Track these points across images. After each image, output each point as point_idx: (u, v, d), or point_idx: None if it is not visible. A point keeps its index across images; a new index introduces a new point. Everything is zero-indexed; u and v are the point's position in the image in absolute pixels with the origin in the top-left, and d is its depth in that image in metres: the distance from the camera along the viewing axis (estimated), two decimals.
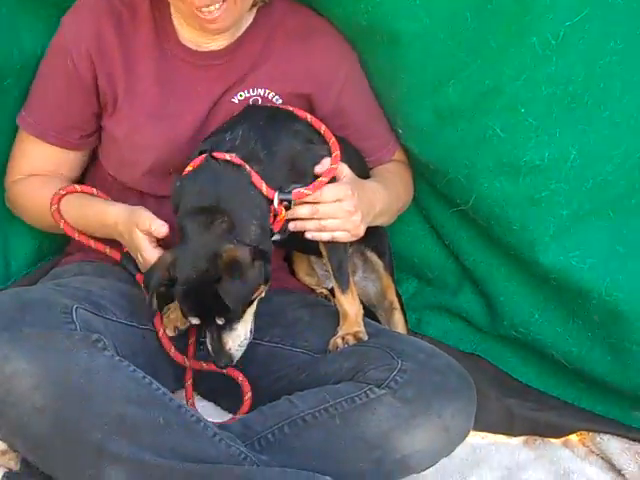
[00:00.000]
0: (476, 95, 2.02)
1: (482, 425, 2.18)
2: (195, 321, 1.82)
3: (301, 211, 1.88)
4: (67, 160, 2.12)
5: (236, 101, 2.05)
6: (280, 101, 2.06)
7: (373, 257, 2.23)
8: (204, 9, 1.87)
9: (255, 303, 1.86)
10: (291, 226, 1.89)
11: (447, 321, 2.46)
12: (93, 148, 2.13)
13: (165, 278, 1.79)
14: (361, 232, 1.94)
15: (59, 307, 1.75)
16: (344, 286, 2.00)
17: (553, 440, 2.30)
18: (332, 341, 1.97)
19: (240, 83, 2.04)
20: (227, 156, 1.86)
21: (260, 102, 2.06)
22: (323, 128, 1.99)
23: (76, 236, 2.01)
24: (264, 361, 2.02)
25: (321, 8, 2.10)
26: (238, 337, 1.83)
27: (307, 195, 1.87)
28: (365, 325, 2.01)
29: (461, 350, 2.39)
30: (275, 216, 1.87)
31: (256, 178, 1.85)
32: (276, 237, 1.93)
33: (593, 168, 2.07)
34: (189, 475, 1.70)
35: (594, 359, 2.19)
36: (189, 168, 1.88)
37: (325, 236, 1.91)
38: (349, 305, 1.99)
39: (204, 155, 1.87)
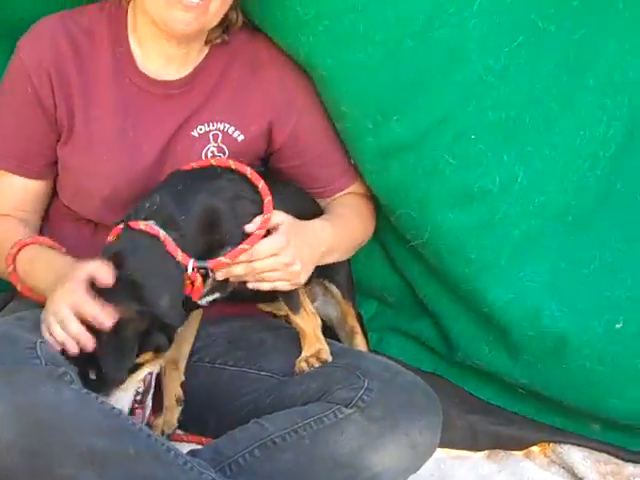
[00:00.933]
0: (425, 127, 2.02)
1: (446, 442, 2.17)
2: None
3: (236, 271, 1.83)
4: (32, 191, 2.06)
5: (196, 134, 2.01)
6: (242, 137, 2.04)
7: (331, 286, 2.20)
8: None
9: (142, 372, 1.83)
10: (232, 278, 1.85)
11: (407, 342, 2.45)
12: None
13: None
14: (302, 280, 1.90)
15: (22, 342, 1.71)
16: (294, 307, 1.97)
17: (515, 452, 2.31)
18: (297, 364, 1.94)
19: (198, 115, 2.01)
20: (141, 225, 1.81)
21: (220, 137, 2.03)
22: (261, 184, 1.93)
23: (19, 286, 1.96)
24: (229, 386, 2.00)
25: (270, 38, 2.09)
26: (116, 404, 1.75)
27: (226, 264, 1.83)
28: (329, 344, 2.00)
29: (422, 370, 2.37)
30: (193, 284, 1.82)
31: (171, 246, 1.80)
32: (216, 296, 1.92)
33: (537, 188, 2.10)
34: None
35: (548, 385, 2.21)
36: (109, 238, 1.85)
37: (265, 286, 1.87)
38: (304, 322, 1.97)
39: (121, 225, 1.83)
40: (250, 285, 1.87)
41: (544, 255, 2.14)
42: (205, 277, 1.84)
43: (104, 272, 1.76)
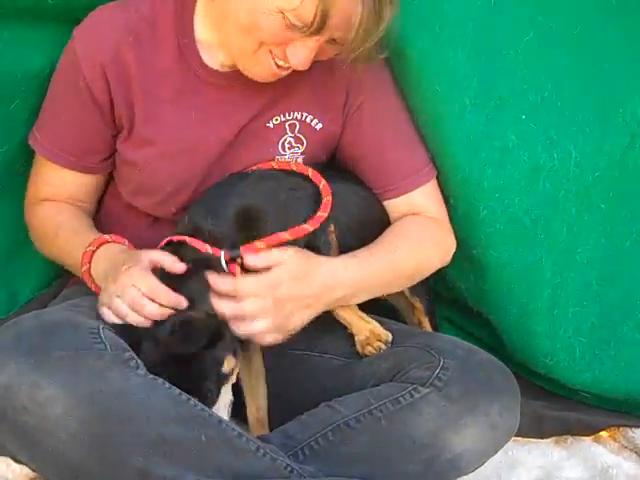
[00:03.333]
0: (496, 104, 1.91)
1: None
2: None
3: (226, 309, 1.64)
4: (85, 185, 1.89)
5: (271, 125, 1.80)
6: (320, 125, 1.84)
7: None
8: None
9: (229, 382, 1.68)
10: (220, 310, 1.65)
11: (462, 335, 2.25)
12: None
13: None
14: (295, 327, 1.67)
15: (85, 328, 1.56)
16: None
17: (584, 438, 2.15)
18: (360, 350, 1.79)
19: (273, 105, 1.79)
20: (175, 239, 1.68)
21: (298, 127, 1.84)
22: (322, 184, 1.75)
23: (92, 287, 1.77)
24: (290, 372, 1.84)
25: None
26: None
27: (259, 249, 1.64)
28: (396, 325, 1.86)
29: None
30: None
31: (197, 244, 1.65)
32: None
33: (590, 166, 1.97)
34: None
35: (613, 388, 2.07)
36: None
37: (242, 328, 1.64)
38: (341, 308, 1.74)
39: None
40: (237, 330, 1.63)
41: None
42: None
43: (171, 259, 1.61)
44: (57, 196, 1.89)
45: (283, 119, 1.83)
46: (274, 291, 1.60)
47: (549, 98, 1.92)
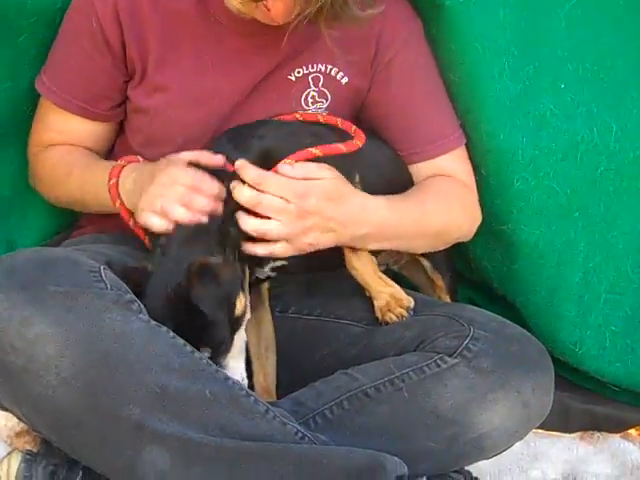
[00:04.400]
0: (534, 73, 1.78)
1: None
2: None
3: (244, 194, 1.48)
4: (94, 133, 1.73)
5: (293, 78, 1.66)
6: (346, 79, 1.67)
7: (420, 258, 1.83)
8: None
9: (242, 328, 1.51)
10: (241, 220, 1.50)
11: None
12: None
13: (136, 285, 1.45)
14: (306, 246, 1.52)
15: (85, 266, 1.40)
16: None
17: (612, 434, 2.00)
18: (380, 316, 1.63)
19: (296, 57, 1.64)
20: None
21: (322, 80, 1.68)
22: (353, 128, 1.62)
23: (130, 222, 1.60)
24: (304, 338, 1.68)
25: None
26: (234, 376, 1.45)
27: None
28: (420, 296, 1.69)
29: None
30: None
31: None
32: (280, 263, 1.58)
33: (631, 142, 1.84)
34: (241, 454, 1.36)
35: None
36: None
37: (261, 250, 1.50)
38: (360, 263, 1.60)
39: None
40: (245, 250, 1.51)
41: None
42: None
43: (207, 154, 1.50)
44: (63, 143, 1.73)
45: (306, 71, 1.68)
46: (301, 200, 1.48)
47: (590, 69, 1.78)
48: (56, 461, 1.41)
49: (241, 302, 1.50)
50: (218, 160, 1.52)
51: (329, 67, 1.69)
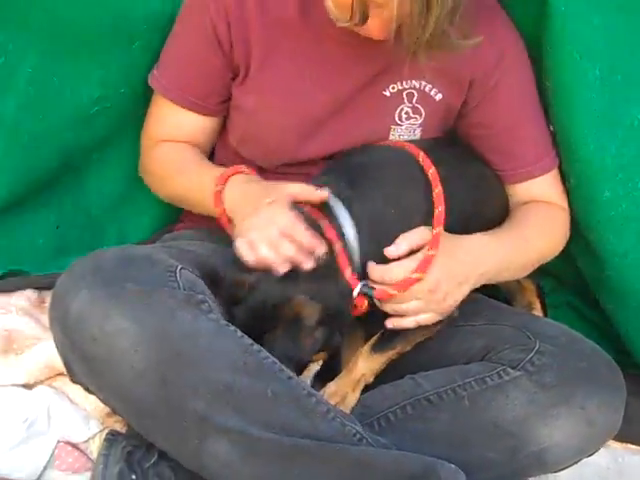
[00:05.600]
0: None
1: (624, 435, 1.78)
2: None
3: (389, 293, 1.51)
4: (204, 127, 1.75)
5: (387, 94, 1.65)
6: (440, 95, 1.66)
7: None
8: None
9: (314, 366, 1.57)
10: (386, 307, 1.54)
11: (585, 323, 2.08)
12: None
13: (237, 292, 1.49)
14: (449, 308, 1.54)
15: (163, 265, 1.47)
16: (385, 346, 1.57)
17: None
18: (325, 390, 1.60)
19: (391, 70, 1.63)
20: (323, 224, 1.50)
21: (416, 96, 1.66)
22: (431, 171, 1.58)
23: (230, 229, 1.63)
24: None
25: None
26: None
27: (392, 295, 1.50)
28: (493, 302, 1.70)
29: None
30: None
31: (343, 260, 1.49)
32: None
33: None
34: (298, 452, 1.40)
35: None
36: None
37: (406, 323, 1.53)
38: (364, 363, 1.58)
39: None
40: (389, 324, 1.53)
41: None
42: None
43: (311, 190, 1.50)
44: (176, 137, 1.79)
45: (400, 87, 1.68)
46: (428, 274, 1.49)
47: None
48: (135, 442, 1.49)
49: (317, 357, 1.55)
50: (323, 195, 1.51)
51: (423, 84, 1.69)
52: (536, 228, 1.67)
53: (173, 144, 1.79)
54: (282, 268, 1.49)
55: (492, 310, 1.64)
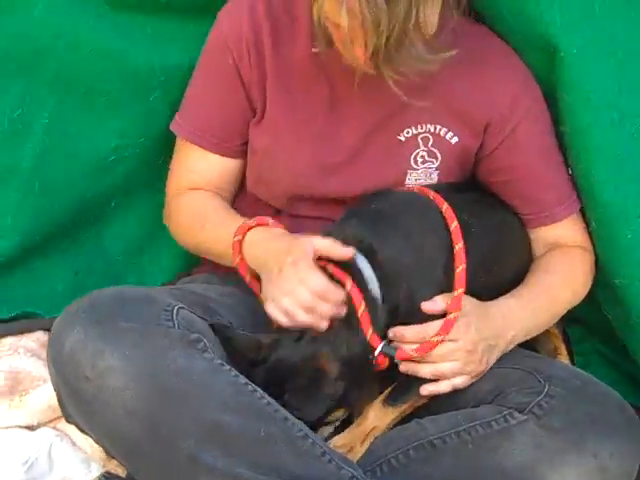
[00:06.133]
0: None
1: None
2: None
3: (422, 370, 1.50)
4: (228, 170, 1.73)
5: (402, 139, 1.63)
6: (456, 139, 1.64)
7: None
8: None
9: (327, 429, 1.52)
10: (402, 368, 1.49)
11: (616, 372, 1.99)
12: None
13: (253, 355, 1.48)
14: (484, 371, 1.51)
15: (160, 304, 1.46)
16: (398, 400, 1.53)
17: None
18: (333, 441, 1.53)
19: (404, 114, 1.62)
20: (348, 284, 1.46)
21: (431, 140, 1.64)
22: (453, 225, 1.54)
23: (247, 278, 1.62)
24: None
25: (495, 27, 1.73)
26: None
27: (412, 357, 1.47)
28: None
29: (633, 404, 1.83)
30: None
31: (365, 320, 1.45)
32: None
33: None
34: None
35: None
36: None
37: (443, 387, 1.49)
38: (379, 417, 1.53)
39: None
40: (424, 391, 1.50)
41: None
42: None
43: (339, 248, 1.46)
44: (201, 184, 1.78)
45: (415, 132, 1.66)
46: (466, 334, 1.48)
47: None
48: None
49: (336, 414, 1.51)
50: (348, 253, 1.48)
51: (438, 127, 1.66)
52: (561, 280, 1.64)
53: (198, 193, 1.78)
54: (323, 325, 1.47)
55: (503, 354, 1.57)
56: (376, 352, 1.49)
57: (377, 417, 1.56)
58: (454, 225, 1.57)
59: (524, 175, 1.69)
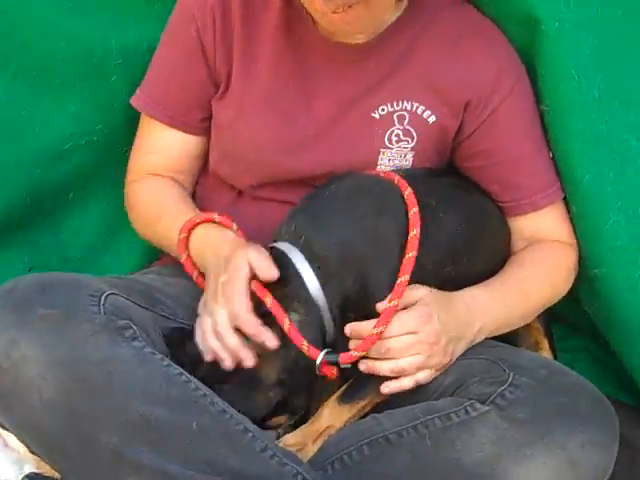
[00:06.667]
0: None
1: None
2: None
3: (382, 367, 1.39)
4: (186, 148, 1.65)
5: (377, 116, 1.53)
6: (433, 118, 1.53)
7: None
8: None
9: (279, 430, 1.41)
10: (361, 368, 1.38)
11: (605, 370, 1.89)
12: None
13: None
14: (448, 363, 1.40)
15: (88, 289, 1.34)
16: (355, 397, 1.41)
17: None
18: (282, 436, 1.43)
19: (379, 90, 1.52)
20: (268, 302, 1.38)
21: (407, 119, 1.53)
22: (413, 211, 1.43)
23: (195, 275, 1.53)
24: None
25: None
26: None
27: (357, 357, 1.35)
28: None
29: (623, 402, 1.79)
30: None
31: (294, 333, 1.35)
32: None
33: None
34: None
35: None
36: None
37: (406, 382, 1.37)
38: (330, 414, 1.41)
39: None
40: (385, 388, 1.38)
41: None
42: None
43: (267, 268, 1.36)
44: (161, 166, 1.68)
45: (391, 109, 1.55)
46: (428, 324, 1.36)
47: None
48: None
49: (279, 420, 1.42)
50: (271, 274, 1.38)
51: (415, 105, 1.55)
52: (537, 274, 1.53)
53: (156, 180, 1.68)
54: (227, 362, 1.37)
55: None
56: (317, 361, 1.37)
57: (332, 416, 1.43)
58: (413, 211, 1.45)
59: (504, 159, 1.57)
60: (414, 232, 1.42)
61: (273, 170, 1.59)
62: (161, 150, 1.68)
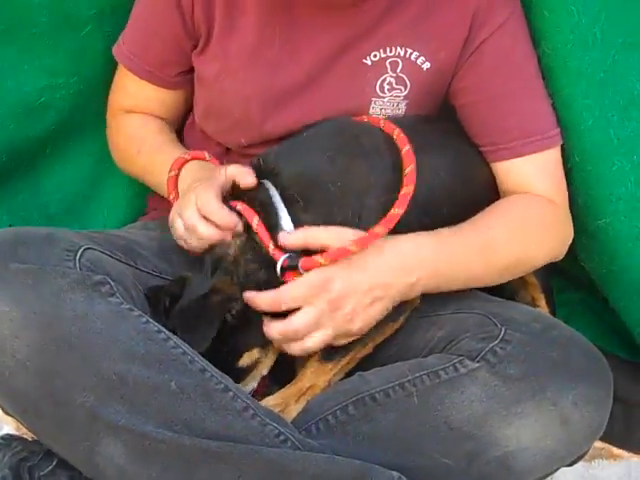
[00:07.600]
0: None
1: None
2: None
3: (260, 303, 1.30)
4: (164, 102, 1.62)
5: (369, 62, 1.46)
6: (427, 65, 1.46)
7: None
8: None
9: (256, 378, 1.36)
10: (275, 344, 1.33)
11: (601, 323, 1.83)
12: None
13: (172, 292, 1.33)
14: (359, 331, 1.31)
15: (62, 244, 1.28)
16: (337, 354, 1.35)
17: None
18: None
19: (371, 36, 1.45)
20: (239, 205, 1.34)
21: (400, 65, 1.46)
22: (405, 149, 1.39)
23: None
24: None
25: None
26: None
27: (320, 264, 1.27)
28: (466, 293, 1.41)
29: (622, 357, 1.76)
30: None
31: (264, 235, 1.32)
32: None
33: None
34: (202, 454, 1.19)
35: None
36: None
37: (295, 348, 1.32)
38: (312, 373, 1.36)
39: None
40: (289, 348, 1.31)
41: None
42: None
43: (245, 174, 1.34)
44: (138, 108, 1.64)
45: (383, 55, 1.48)
46: (325, 292, 1.26)
47: None
48: (35, 448, 1.30)
49: (251, 355, 1.35)
50: (249, 182, 1.36)
51: (409, 51, 1.48)
52: (505, 230, 1.40)
53: (137, 116, 1.64)
54: (198, 249, 1.33)
55: (463, 298, 1.39)
56: (278, 264, 1.30)
57: (314, 374, 1.38)
58: (405, 149, 1.40)
59: (485, 97, 1.47)
60: (410, 167, 1.37)
61: (258, 126, 1.52)
62: (138, 98, 1.64)
